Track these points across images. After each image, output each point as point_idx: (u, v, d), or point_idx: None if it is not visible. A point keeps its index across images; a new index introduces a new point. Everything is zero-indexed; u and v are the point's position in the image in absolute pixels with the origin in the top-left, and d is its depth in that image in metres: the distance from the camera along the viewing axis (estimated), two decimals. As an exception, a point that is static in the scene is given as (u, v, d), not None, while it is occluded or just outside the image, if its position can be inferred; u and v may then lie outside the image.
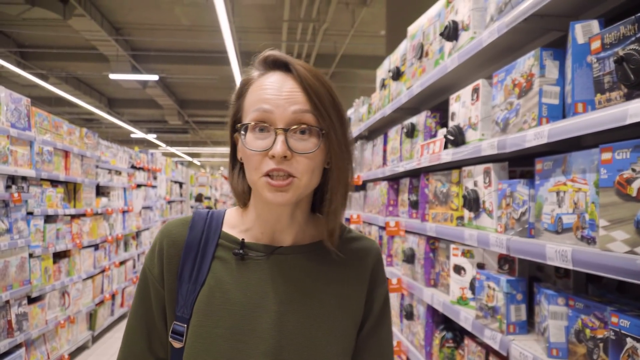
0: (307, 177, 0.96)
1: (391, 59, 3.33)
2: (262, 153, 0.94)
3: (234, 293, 1.00)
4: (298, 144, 0.95)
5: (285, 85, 0.96)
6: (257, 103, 0.96)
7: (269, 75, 0.99)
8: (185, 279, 1.02)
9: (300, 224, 1.06)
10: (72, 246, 5.26)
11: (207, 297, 1.00)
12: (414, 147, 2.81)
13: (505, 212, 1.77)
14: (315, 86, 0.96)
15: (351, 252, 1.09)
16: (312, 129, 0.96)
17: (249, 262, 1.02)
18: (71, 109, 18.99)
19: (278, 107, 0.95)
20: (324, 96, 0.97)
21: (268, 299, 0.99)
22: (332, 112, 0.97)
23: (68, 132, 5.31)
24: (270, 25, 12.74)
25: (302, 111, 0.95)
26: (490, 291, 1.79)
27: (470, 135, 2.07)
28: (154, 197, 8.77)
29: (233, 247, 1.03)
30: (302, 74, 0.96)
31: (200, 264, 1.02)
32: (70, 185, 5.50)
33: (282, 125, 0.94)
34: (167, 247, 1.04)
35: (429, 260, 2.58)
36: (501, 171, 1.88)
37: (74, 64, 14.89)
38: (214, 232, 1.06)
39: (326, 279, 1.05)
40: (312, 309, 1.01)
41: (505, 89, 1.80)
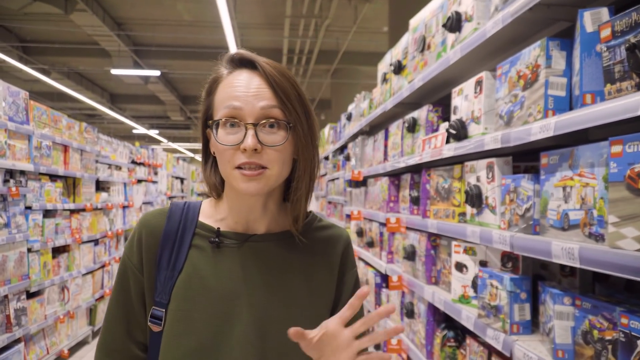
0: (278, 167, 1.02)
1: (393, 53, 3.27)
2: (234, 147, 1.00)
3: (210, 279, 1.05)
4: (267, 137, 1.01)
5: (253, 82, 1.02)
6: (227, 100, 1.02)
7: (237, 74, 1.04)
8: (164, 266, 1.07)
9: (272, 213, 1.12)
10: (72, 241, 5.23)
11: (184, 283, 1.05)
12: (415, 142, 2.76)
13: (509, 208, 1.71)
14: (281, 82, 1.02)
15: (321, 239, 1.16)
16: (280, 122, 1.02)
17: (224, 250, 1.08)
18: (73, 104, 18.96)
19: (247, 104, 1.00)
20: (289, 91, 1.03)
21: (242, 284, 1.05)
22: (297, 106, 1.04)
23: (67, 126, 5.27)
24: (272, 21, 12.67)
25: (269, 106, 1.01)
26: (493, 290, 1.74)
27: (473, 129, 2.02)
28: (154, 192, 8.73)
29: (209, 236, 1.09)
30: (268, 71, 1.02)
31: (178, 251, 1.08)
32: (70, 180, 5.46)
33: (252, 120, 1.00)
34: (145, 236, 1.10)
35: (430, 257, 2.53)
36: (505, 166, 1.83)
37: (75, 59, 14.85)
38: (190, 221, 1.11)
39: (297, 265, 1.11)
40: (285, 293, 1.07)
41: (509, 81, 1.74)
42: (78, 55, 14.48)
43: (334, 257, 1.16)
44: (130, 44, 13.66)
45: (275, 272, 1.09)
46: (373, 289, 3.62)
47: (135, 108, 21.14)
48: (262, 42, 13.96)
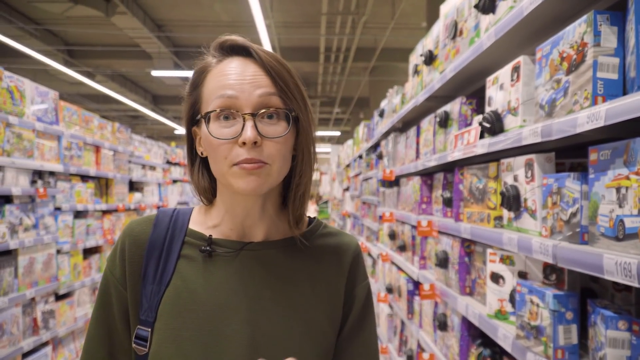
0: (279, 163, 0.92)
1: (424, 43, 3.04)
2: (231, 141, 0.90)
3: (201, 293, 0.94)
4: (268, 128, 0.91)
5: (248, 69, 0.93)
6: (219, 90, 0.92)
7: (228, 61, 0.95)
8: (149, 280, 0.96)
9: (271, 218, 1.01)
10: (104, 242, 5.20)
11: (172, 298, 0.94)
12: (447, 138, 2.53)
13: (551, 212, 1.47)
14: (278, 69, 0.93)
15: (326, 247, 1.04)
16: (280, 112, 0.92)
17: (216, 260, 0.97)
18: (118, 106, 19.35)
19: (243, 92, 0.90)
20: (288, 79, 0.94)
21: (238, 297, 0.94)
22: (297, 94, 0.95)
23: (99, 126, 5.25)
24: (309, 20, 12.53)
25: (268, 94, 0.92)
26: (534, 307, 1.50)
27: (509, 121, 1.78)
28: (190, 192, 8.72)
29: (200, 244, 0.98)
30: (264, 57, 0.93)
31: (165, 263, 0.97)
32: (102, 181, 5.45)
33: (250, 110, 0.90)
34: (129, 246, 0.99)
35: (464, 265, 2.29)
36: (546, 163, 1.58)
37: (118, 61, 15.11)
38: (179, 229, 1.00)
39: (300, 276, 1.00)
40: (285, 308, 0.96)
41: (551, 65, 1.50)
42: (120, 57, 14.72)
43: (341, 267, 1.03)
44: (170, 45, 13.79)
45: (274, 283, 0.97)
46: (405, 297, 3.39)
47: (177, 109, 21.40)
48: (299, 41, 13.85)
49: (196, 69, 0.99)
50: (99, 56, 14.42)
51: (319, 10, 11.35)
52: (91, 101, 18.11)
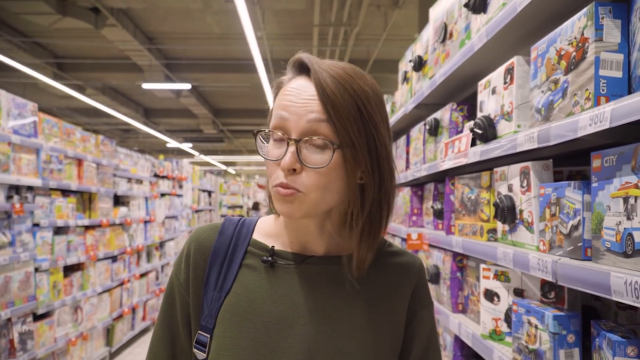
0: (317, 193, 0.88)
1: (414, 49, 2.93)
2: (276, 163, 0.89)
3: (260, 303, 0.94)
4: (311, 156, 0.87)
5: (306, 91, 0.88)
6: (277, 109, 0.91)
7: (294, 80, 0.92)
8: (211, 286, 0.97)
9: (331, 235, 0.98)
10: (86, 259, 5.03)
11: (232, 306, 0.94)
12: (437, 147, 2.40)
13: (549, 224, 1.34)
14: (334, 92, 0.86)
15: (390, 267, 1.01)
16: (327, 141, 0.86)
17: (278, 271, 0.96)
18: (109, 120, 19.19)
19: (294, 115, 0.87)
20: (344, 105, 0.86)
21: (297, 311, 0.93)
22: (353, 123, 0.86)
23: (82, 139, 5.10)
24: (301, 31, 12.47)
25: (318, 120, 0.86)
26: (532, 329, 1.36)
27: (502, 127, 1.66)
28: (179, 206, 8.55)
29: (262, 255, 0.98)
30: (322, 78, 0.87)
31: (227, 271, 0.97)
32: (85, 195, 5.28)
33: (295, 136, 0.87)
34: (194, 252, 1.00)
35: (456, 281, 2.16)
36: (543, 171, 1.46)
37: (109, 74, 14.98)
38: (243, 238, 1.01)
39: (360, 294, 0.96)
40: (344, 326, 0.93)
41: (547, 64, 1.38)
42: (111, 70, 14.61)
43: (404, 288, 1.00)
44: (162, 57, 13.69)
45: (333, 299, 0.95)
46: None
47: (169, 122, 21.27)
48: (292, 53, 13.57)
49: (274, 83, 0.98)
50: (89, 69, 14.29)
51: (310, 22, 11.29)
52: (82, 115, 17.93)
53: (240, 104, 19.09)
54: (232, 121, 20.96)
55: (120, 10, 10.73)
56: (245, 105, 19.07)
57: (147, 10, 11.11)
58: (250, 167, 35.09)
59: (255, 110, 19.43)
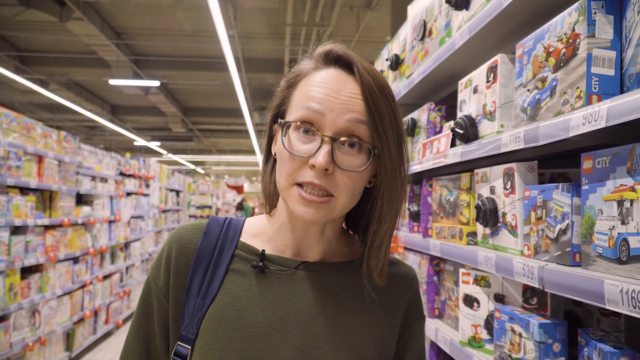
0: (346, 197, 0.83)
1: (390, 47, 2.87)
2: (302, 159, 0.82)
3: (249, 312, 0.87)
4: (345, 158, 0.82)
5: (346, 87, 0.83)
6: (307, 100, 0.84)
7: (327, 71, 0.86)
8: (194, 293, 0.89)
9: (329, 240, 0.93)
10: (45, 260, 4.82)
11: (217, 315, 0.87)
12: (415, 147, 2.35)
13: (535, 228, 1.29)
14: (378, 97, 0.83)
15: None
16: (363, 144, 0.83)
17: (269, 277, 0.90)
18: (74, 116, 18.67)
19: (331, 111, 0.82)
20: (385, 110, 0.83)
21: (289, 321, 0.87)
22: (390, 130, 0.84)
23: (43, 135, 4.89)
24: (273, 30, 12.37)
25: (357, 121, 0.82)
26: (516, 337, 1.31)
27: (485, 127, 1.60)
28: (145, 205, 8.32)
29: (251, 259, 0.91)
30: (367, 80, 0.83)
31: (212, 276, 0.89)
32: (46, 193, 5.06)
33: (331, 134, 0.81)
34: (175, 254, 0.91)
35: (433, 285, 2.10)
36: (528, 173, 1.41)
37: (74, 69, 14.57)
38: (230, 240, 0.93)
39: (355, 304, 0.92)
40: (337, 336, 0.88)
41: (534, 62, 1.33)
42: (76, 65, 14.20)
43: (398, 300, 0.96)
44: (130, 53, 13.38)
45: (328, 309, 0.89)
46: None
47: (137, 120, 20.84)
48: (264, 52, 13.67)
49: (294, 69, 0.91)
50: (53, 63, 13.86)
51: (283, 21, 11.20)
52: (45, 111, 17.41)
53: (211, 103, 18.84)
54: (201, 120, 20.67)
55: (87, 4, 10.43)
56: (215, 104, 18.82)
57: (116, 4, 10.83)
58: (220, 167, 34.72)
59: (225, 110, 19.19)
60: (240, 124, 20.10)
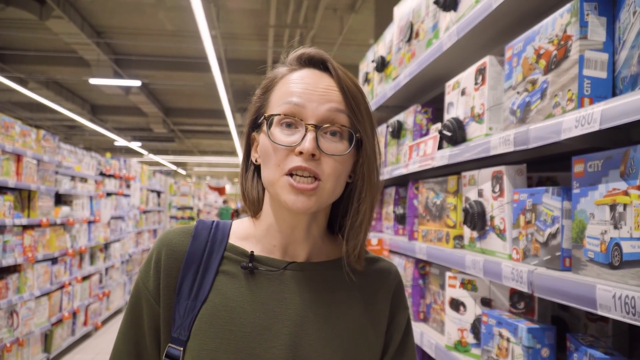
0: (332, 182, 0.87)
1: (375, 49, 2.86)
2: (288, 149, 0.86)
3: (240, 312, 0.88)
4: (328, 144, 0.87)
5: (322, 81, 0.89)
6: (287, 96, 0.89)
7: (301, 71, 0.91)
8: (184, 295, 0.90)
9: (315, 239, 0.96)
10: (23, 260, 4.71)
11: (209, 317, 0.88)
12: (400, 150, 2.33)
13: (524, 232, 1.28)
14: (352, 88, 0.90)
15: (370, 273, 0.99)
16: (345, 131, 0.88)
17: (258, 278, 0.92)
18: (53, 116, 18.38)
19: (311, 102, 0.87)
20: (360, 100, 0.90)
21: (280, 320, 0.89)
22: (366, 117, 0.90)
23: (21, 133, 4.78)
24: (256, 32, 12.31)
25: (337, 110, 0.88)
26: (503, 342, 1.29)
27: (473, 129, 1.59)
28: (126, 206, 8.21)
29: (241, 260, 0.93)
30: (340, 73, 0.90)
31: (203, 278, 0.91)
32: (24, 193, 4.95)
33: (314, 122, 0.86)
34: (165, 257, 0.92)
35: (418, 288, 2.08)
36: (517, 176, 1.40)
37: (53, 68, 14.33)
38: (219, 243, 0.95)
39: (343, 301, 0.94)
40: (327, 334, 0.90)
41: (524, 64, 1.32)
42: (56, 64, 13.97)
43: (384, 294, 0.99)
44: (110, 53, 13.20)
45: (318, 307, 0.92)
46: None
47: (117, 120, 20.58)
48: (247, 53, 13.60)
49: (268, 74, 0.95)
50: (32, 62, 13.62)
51: (266, 23, 11.15)
52: (24, 109, 17.09)
53: (192, 104, 18.69)
54: (183, 121, 20.49)
55: (67, 2, 10.27)
56: (197, 105, 18.68)
57: (96, 3, 10.68)
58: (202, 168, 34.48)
59: (207, 110, 19.05)
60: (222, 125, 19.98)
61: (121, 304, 8.14)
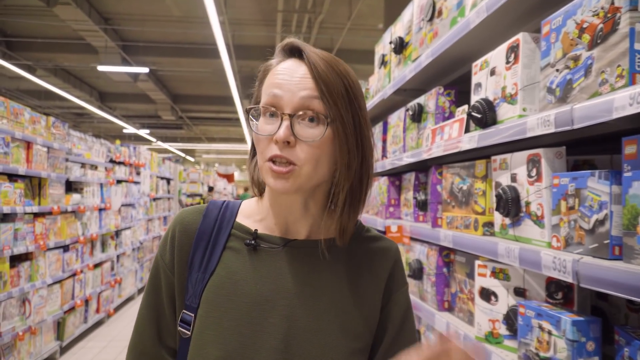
0: (310, 166, 0.92)
1: (393, 30, 2.77)
2: (269, 138, 0.93)
3: (243, 284, 0.97)
4: (303, 130, 0.92)
5: (298, 71, 0.94)
6: (269, 88, 0.95)
7: (285, 62, 0.97)
8: (196, 268, 1.00)
9: (314, 217, 1.02)
10: (35, 248, 4.69)
11: (215, 287, 0.97)
12: (421, 134, 2.25)
13: (566, 219, 1.21)
14: (326, 72, 0.93)
15: (368, 251, 1.05)
16: (320, 116, 0.92)
17: (261, 254, 1.00)
18: (62, 103, 18.37)
19: (287, 92, 0.93)
20: (334, 84, 0.93)
21: (278, 292, 0.96)
22: (342, 101, 0.93)
23: (31, 120, 4.74)
24: (264, 17, 12.16)
25: (310, 97, 0.92)
26: (544, 335, 1.23)
27: (504, 111, 1.51)
28: (136, 193, 8.18)
29: (245, 238, 1.01)
30: (314, 60, 0.94)
31: (211, 253, 1.00)
32: (35, 180, 4.92)
33: (289, 111, 0.92)
34: (179, 234, 1.02)
35: (442, 277, 2.02)
36: (556, 159, 1.32)
37: (61, 55, 14.28)
38: (227, 221, 1.04)
39: (340, 277, 1.01)
40: (323, 306, 0.97)
41: (564, 39, 1.23)
42: (63, 51, 13.91)
43: (381, 271, 1.05)
44: (118, 39, 13.12)
45: (314, 282, 0.99)
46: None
47: (126, 107, 20.55)
48: (254, 39, 13.47)
49: (261, 67, 1.01)
50: (40, 49, 13.57)
51: (274, 8, 11.01)
52: (32, 97, 17.09)
53: (200, 90, 18.61)
54: (191, 108, 20.43)
55: (75, -12, 10.18)
56: (205, 91, 18.59)
57: (103, -11, 10.59)
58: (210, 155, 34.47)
59: (215, 97, 18.96)
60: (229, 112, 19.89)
61: (133, 291, 8.15)
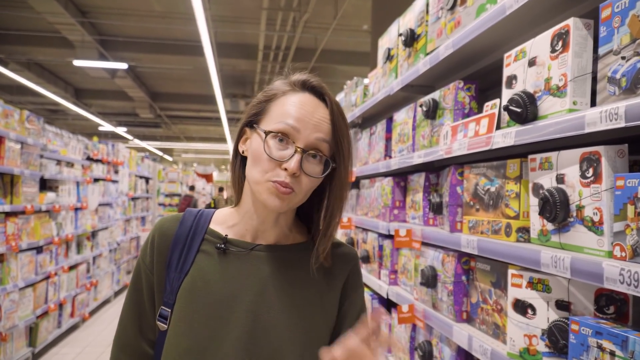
0: (303, 194, 1.08)
1: (401, 22, 2.61)
2: (277, 162, 1.04)
3: (213, 283, 1.09)
4: (309, 166, 1.06)
5: (318, 112, 1.07)
6: (286, 116, 1.05)
7: (303, 95, 1.08)
8: (173, 268, 1.12)
9: (282, 228, 1.17)
10: (6, 249, 4.42)
11: (189, 285, 1.09)
12: (435, 132, 2.10)
13: (633, 225, 1.06)
14: (341, 123, 1.09)
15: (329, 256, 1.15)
16: (324, 158, 1.07)
17: (230, 256, 1.12)
18: (35, 99, 17.83)
19: (305, 129, 1.05)
20: (344, 135, 1.09)
21: (244, 290, 1.09)
22: (346, 152, 1.10)
23: (3, 113, 4.47)
24: (248, 15, 11.95)
25: (323, 140, 1.06)
26: (604, 356, 1.08)
27: (549, 105, 1.36)
28: (114, 192, 7.89)
29: (217, 242, 1.13)
30: (335, 110, 1.08)
31: (186, 255, 1.12)
32: (7, 177, 4.65)
33: (302, 146, 1.04)
34: (157, 239, 1.15)
35: (461, 285, 1.87)
36: (617, 159, 1.18)
37: (35, 48, 13.83)
38: (201, 228, 1.15)
39: (302, 277, 1.14)
40: (284, 303, 1.10)
41: (632, 23, 1.09)
42: (38, 44, 13.47)
43: (339, 274, 1.18)
44: (95, 33, 12.75)
45: (277, 281, 1.11)
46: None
47: (102, 104, 20.05)
48: (237, 36, 13.26)
49: (273, 86, 1.12)
50: (12, 41, 13.12)
51: (259, 5, 10.81)
52: (3, 92, 16.54)
53: (180, 88, 18.26)
54: (171, 106, 20.04)
55: (51, -21, 9.83)
56: (185, 89, 18.26)
57: (82, -19, 10.25)
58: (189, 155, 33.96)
59: (196, 96, 18.63)
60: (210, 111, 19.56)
61: (109, 294, 7.85)
